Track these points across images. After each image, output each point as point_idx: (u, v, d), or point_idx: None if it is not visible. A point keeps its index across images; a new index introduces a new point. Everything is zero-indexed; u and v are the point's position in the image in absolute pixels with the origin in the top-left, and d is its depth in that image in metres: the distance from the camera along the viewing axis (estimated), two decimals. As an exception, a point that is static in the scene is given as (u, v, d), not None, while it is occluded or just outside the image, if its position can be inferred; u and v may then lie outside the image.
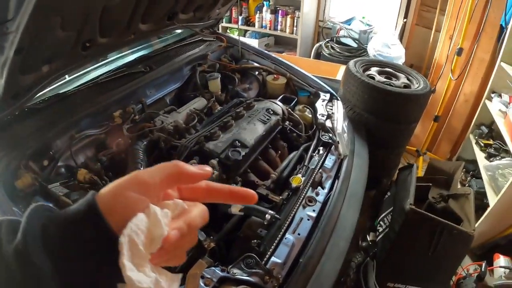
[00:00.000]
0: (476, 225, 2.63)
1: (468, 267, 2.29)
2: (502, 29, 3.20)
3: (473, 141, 3.25)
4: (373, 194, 2.64)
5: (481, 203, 2.83)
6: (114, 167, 1.62)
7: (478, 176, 3.05)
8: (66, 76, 1.81)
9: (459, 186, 3.03)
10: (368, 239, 2.22)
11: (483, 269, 2.14)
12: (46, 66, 1.48)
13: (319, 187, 1.61)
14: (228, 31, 4.73)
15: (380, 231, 2.20)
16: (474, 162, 3.14)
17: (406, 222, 1.92)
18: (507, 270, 2.17)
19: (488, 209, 2.61)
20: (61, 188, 1.39)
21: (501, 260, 2.28)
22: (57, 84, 1.76)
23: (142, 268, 0.39)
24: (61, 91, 1.75)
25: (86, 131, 1.64)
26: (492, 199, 2.62)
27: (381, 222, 2.24)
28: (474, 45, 3.35)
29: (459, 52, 3.10)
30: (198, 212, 0.46)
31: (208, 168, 0.48)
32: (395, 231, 1.99)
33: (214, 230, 1.40)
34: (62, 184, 1.43)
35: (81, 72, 1.93)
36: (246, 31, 4.70)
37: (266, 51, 2.67)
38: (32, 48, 1.26)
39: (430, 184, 2.29)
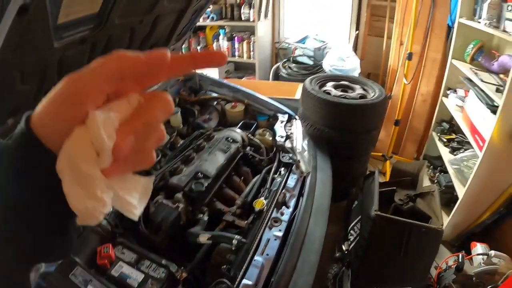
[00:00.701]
0: (449, 217, 2.73)
1: (447, 259, 2.34)
2: (449, 29, 3.37)
3: (436, 138, 3.37)
4: (344, 204, 2.71)
5: (451, 196, 2.93)
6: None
7: (446, 171, 3.13)
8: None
9: (428, 183, 3.15)
10: (344, 248, 2.27)
11: (460, 260, 2.19)
12: (11, 119, 1.51)
13: (283, 207, 1.67)
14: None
15: (351, 240, 2.26)
16: (440, 158, 3.24)
17: (374, 228, 1.98)
18: (485, 256, 2.21)
19: (458, 201, 2.70)
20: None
21: (478, 248, 2.33)
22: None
23: (92, 190, 0.34)
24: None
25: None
26: (461, 190, 2.72)
27: (351, 231, 2.29)
28: (425, 47, 3.51)
29: (409, 56, 3.23)
30: (157, 105, 0.38)
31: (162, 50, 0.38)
32: (365, 238, 2.05)
33: (186, 260, 1.44)
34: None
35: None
36: None
37: (223, 80, 2.76)
38: (-5, 103, 1.30)
39: (395, 188, 2.37)
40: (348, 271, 2.12)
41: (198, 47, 4.66)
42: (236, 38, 4.48)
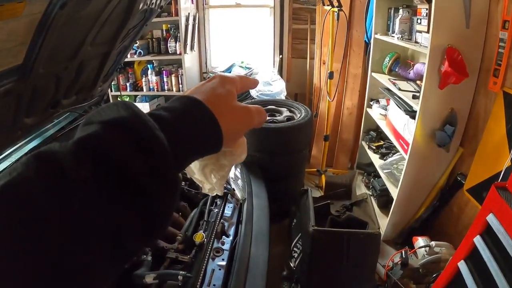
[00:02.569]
0: (388, 218, 2.87)
1: (392, 257, 2.45)
2: (367, 45, 3.62)
3: (366, 147, 3.57)
4: (286, 223, 2.78)
5: (387, 198, 3.09)
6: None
7: (379, 176, 3.29)
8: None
9: (364, 190, 3.31)
10: (291, 265, 2.33)
11: (403, 256, 2.31)
12: None
13: (223, 236, 1.71)
14: (118, 99, 4.72)
15: (295, 256, 2.33)
16: (372, 164, 3.42)
17: (314, 242, 2.06)
18: (428, 248, 2.34)
19: (394, 202, 2.86)
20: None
21: (419, 241, 2.45)
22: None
23: None
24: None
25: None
26: (394, 192, 2.89)
27: (294, 248, 2.36)
28: (346, 64, 3.73)
29: (330, 75, 3.41)
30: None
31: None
32: (308, 253, 2.13)
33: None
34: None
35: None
36: (136, 96, 4.69)
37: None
38: None
39: (329, 201, 2.46)
40: (297, 286, 2.17)
41: (128, 84, 4.59)
42: (164, 72, 4.45)
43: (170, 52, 4.37)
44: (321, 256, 2.11)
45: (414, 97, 2.65)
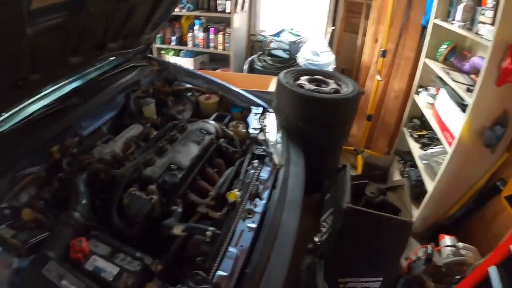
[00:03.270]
0: (419, 210, 2.79)
1: (416, 251, 2.38)
2: (423, 29, 3.44)
3: (407, 134, 3.44)
4: (317, 196, 2.73)
5: (421, 190, 2.97)
6: (58, 203, 1.58)
7: (416, 165, 3.18)
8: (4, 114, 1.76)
9: (398, 177, 3.22)
10: (316, 240, 2.30)
11: (429, 251, 2.24)
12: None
13: (256, 199, 1.66)
14: (162, 52, 4.73)
15: (323, 231, 2.29)
16: (410, 153, 3.30)
17: (346, 220, 2.02)
18: (454, 248, 2.27)
19: (428, 195, 2.77)
20: (7, 230, 1.35)
21: (446, 240, 2.38)
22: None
23: None
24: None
25: (26, 169, 1.60)
26: (430, 185, 2.79)
27: (323, 223, 2.33)
28: (399, 45, 3.58)
29: (383, 54, 3.29)
30: None
31: None
32: (337, 230, 2.09)
33: (161, 253, 1.42)
34: (9, 226, 1.39)
35: (15, 110, 1.87)
36: (180, 50, 4.69)
37: (198, 72, 2.72)
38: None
39: (366, 181, 2.41)
40: (321, 262, 2.15)
41: (173, 37, 4.55)
42: (211, 29, 4.41)
43: (219, 10, 4.32)
44: (350, 235, 2.07)
45: (468, 90, 2.50)
